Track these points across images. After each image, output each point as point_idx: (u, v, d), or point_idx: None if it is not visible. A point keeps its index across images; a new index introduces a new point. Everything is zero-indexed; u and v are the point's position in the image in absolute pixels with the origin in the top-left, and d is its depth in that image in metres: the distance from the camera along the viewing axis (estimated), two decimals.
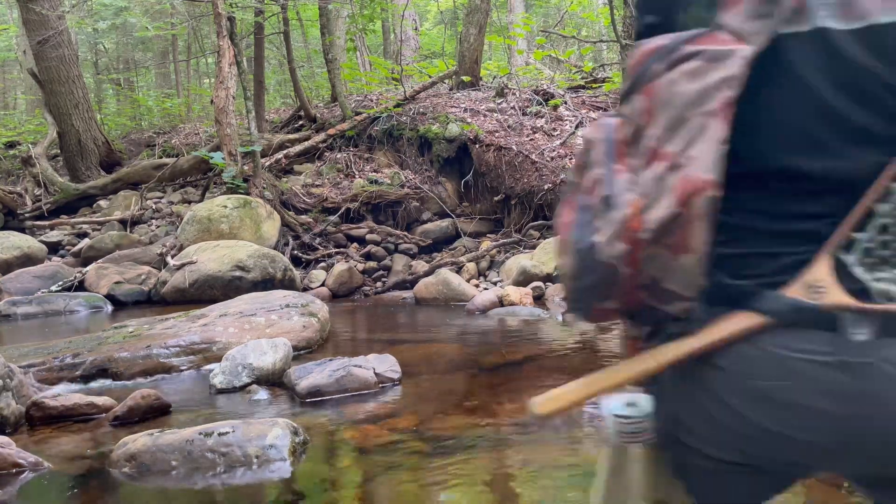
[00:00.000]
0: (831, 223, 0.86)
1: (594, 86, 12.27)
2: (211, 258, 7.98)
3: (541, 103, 11.17)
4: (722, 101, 0.85)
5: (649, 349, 0.93)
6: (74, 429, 3.83)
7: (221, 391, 4.33)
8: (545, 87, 11.96)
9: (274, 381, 4.47)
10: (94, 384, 4.60)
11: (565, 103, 11.28)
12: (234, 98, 9.96)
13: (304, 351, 5.25)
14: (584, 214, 0.90)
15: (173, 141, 13.42)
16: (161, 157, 12.43)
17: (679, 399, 0.95)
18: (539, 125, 10.69)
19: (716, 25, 0.89)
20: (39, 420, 3.90)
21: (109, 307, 7.87)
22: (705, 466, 0.95)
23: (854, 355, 0.82)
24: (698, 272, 0.87)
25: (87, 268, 8.59)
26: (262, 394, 4.26)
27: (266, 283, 7.75)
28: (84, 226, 10.54)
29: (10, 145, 13.11)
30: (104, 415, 3.93)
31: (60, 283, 8.28)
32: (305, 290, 8.28)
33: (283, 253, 8.88)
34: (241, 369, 4.41)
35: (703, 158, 0.84)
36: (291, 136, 11.16)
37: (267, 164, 10.19)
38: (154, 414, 3.89)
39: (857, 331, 0.82)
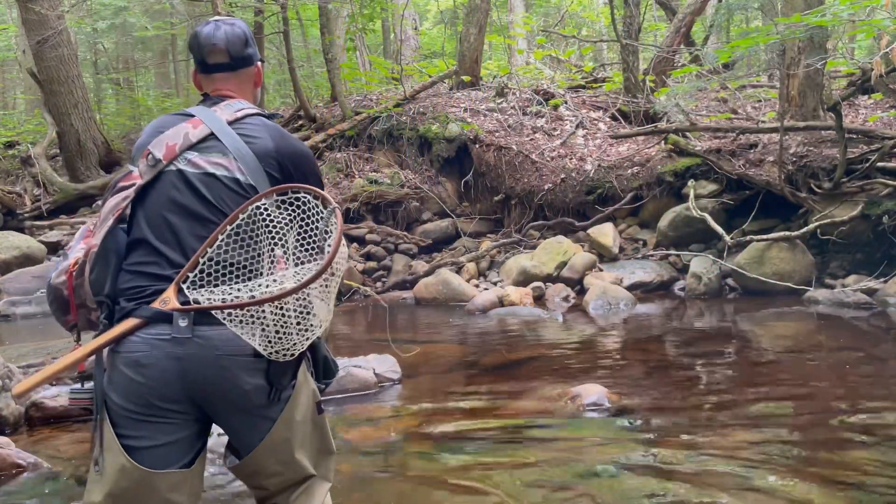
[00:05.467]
0: (174, 269, 1.63)
1: (594, 85, 12.26)
2: None
3: (541, 103, 11.16)
4: (120, 208, 1.69)
5: (80, 346, 1.63)
6: (74, 429, 3.83)
7: None
8: (545, 86, 11.95)
9: None
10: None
11: (565, 103, 11.28)
12: None
13: None
14: (58, 265, 1.77)
15: None
16: None
17: (107, 375, 1.65)
18: (539, 125, 10.69)
19: (133, 167, 1.76)
20: (39, 420, 3.90)
21: None
22: (126, 416, 1.62)
23: (180, 333, 1.56)
24: (94, 297, 1.68)
25: None
26: None
27: None
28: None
29: (10, 145, 13.08)
30: None
31: None
32: None
33: None
34: None
35: (98, 234, 1.69)
36: None
37: None
38: None
39: (182, 321, 1.56)
